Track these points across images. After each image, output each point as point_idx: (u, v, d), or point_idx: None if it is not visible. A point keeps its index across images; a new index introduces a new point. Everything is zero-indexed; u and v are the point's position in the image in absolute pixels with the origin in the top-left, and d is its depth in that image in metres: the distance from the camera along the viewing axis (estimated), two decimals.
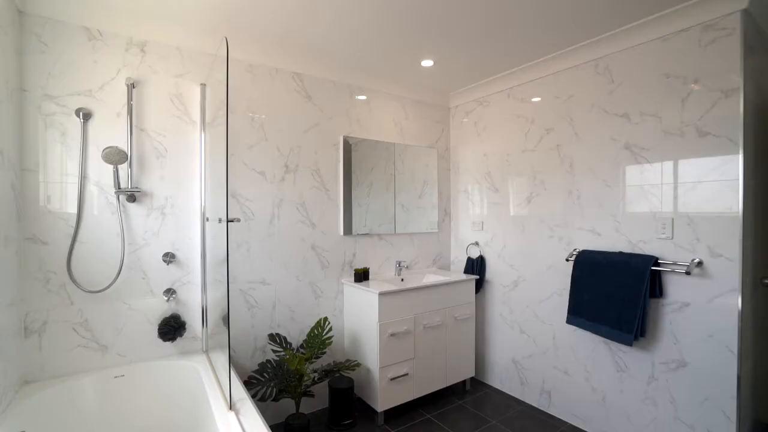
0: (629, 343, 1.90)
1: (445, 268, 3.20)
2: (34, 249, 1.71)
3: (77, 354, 1.79)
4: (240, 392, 1.62)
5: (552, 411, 2.42)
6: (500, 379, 2.78)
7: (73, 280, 1.76)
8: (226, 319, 1.62)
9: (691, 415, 1.80)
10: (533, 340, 2.54)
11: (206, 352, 2.05)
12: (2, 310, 1.47)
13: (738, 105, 1.66)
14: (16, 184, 1.63)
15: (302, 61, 2.39)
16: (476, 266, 2.89)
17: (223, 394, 1.55)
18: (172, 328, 1.93)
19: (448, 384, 2.61)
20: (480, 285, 2.87)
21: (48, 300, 1.73)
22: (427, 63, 2.47)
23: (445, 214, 3.19)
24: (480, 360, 2.91)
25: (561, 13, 1.88)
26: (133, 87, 1.90)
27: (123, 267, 1.86)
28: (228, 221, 1.47)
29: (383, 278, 2.70)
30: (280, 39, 2.13)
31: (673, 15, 1.83)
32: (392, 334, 2.30)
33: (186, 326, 2.02)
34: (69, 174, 1.79)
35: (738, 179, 1.66)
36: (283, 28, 2.01)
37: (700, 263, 1.77)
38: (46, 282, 1.73)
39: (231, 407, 1.46)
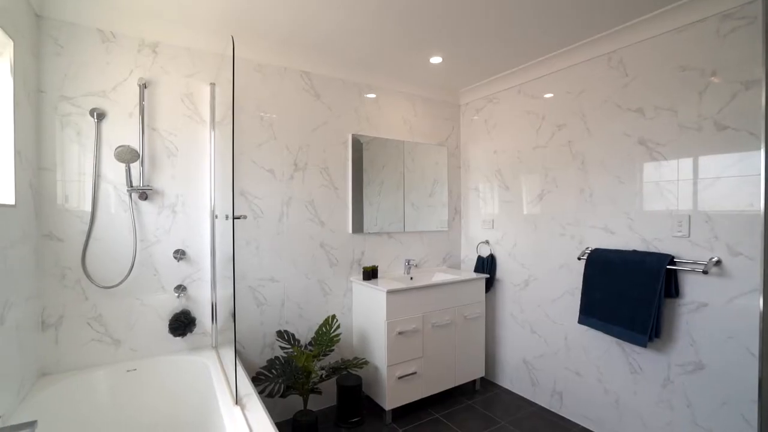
0: (643, 344, 1.85)
1: (456, 266, 3.17)
2: (51, 245, 1.76)
3: (91, 348, 1.84)
4: (247, 388, 1.64)
5: (563, 412, 2.37)
6: (511, 379, 2.74)
7: (88, 276, 1.80)
8: (234, 314, 1.64)
9: (709, 419, 1.74)
10: (544, 340, 2.49)
11: (216, 347, 2.08)
12: (21, 305, 1.53)
13: (760, 97, 1.59)
14: (33, 183, 1.68)
15: (311, 60, 2.40)
16: (487, 265, 2.85)
17: (230, 389, 1.57)
18: (182, 324, 1.97)
19: (458, 384, 2.58)
20: (490, 284, 2.84)
21: (64, 295, 1.79)
22: (436, 60, 2.45)
23: (456, 212, 3.17)
24: (490, 360, 2.88)
25: (572, 6, 1.83)
26: (145, 87, 1.94)
27: (135, 263, 1.90)
28: (234, 218, 1.48)
29: (392, 276, 2.70)
30: (288, 38, 2.15)
31: (690, 5, 1.77)
32: (400, 333, 2.29)
33: (196, 322, 2.05)
34: (85, 173, 1.84)
35: (759, 174, 1.59)
36: (291, 27, 2.02)
37: (718, 262, 1.71)
38: (62, 277, 1.78)
39: (237, 402, 1.47)
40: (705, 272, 1.70)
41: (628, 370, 2.04)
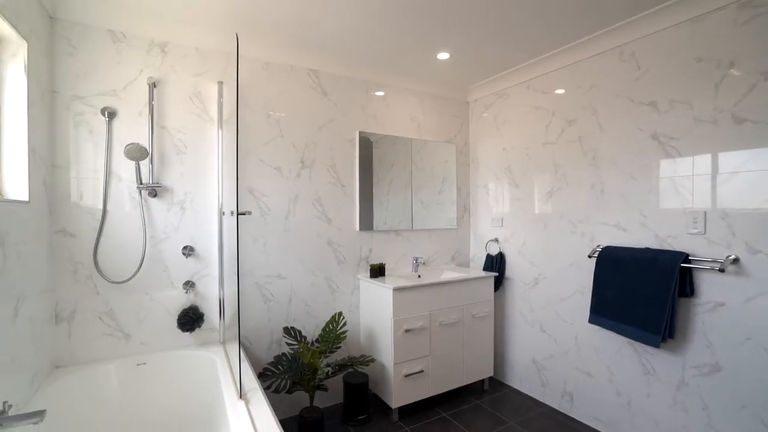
0: (656, 345, 1.79)
1: (464, 265, 3.13)
2: (64, 241, 1.80)
3: (103, 341, 1.88)
4: (252, 383, 1.65)
5: (574, 414, 2.32)
6: (520, 379, 2.70)
7: (99, 271, 1.84)
8: (238, 310, 1.65)
9: (726, 423, 1.67)
10: (554, 340, 2.44)
11: (223, 343, 2.10)
12: (35, 299, 1.57)
13: None
14: (47, 180, 1.73)
15: (317, 58, 2.41)
16: (496, 263, 2.81)
17: (235, 384, 1.58)
18: (190, 319, 2.00)
19: (466, 383, 2.55)
20: (499, 282, 2.80)
21: (76, 290, 1.83)
22: (443, 56, 2.43)
23: (465, 210, 3.13)
24: (499, 359, 2.84)
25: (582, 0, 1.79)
26: (155, 86, 1.98)
27: (145, 259, 1.94)
28: (238, 214, 1.49)
29: (399, 274, 2.68)
30: (294, 36, 2.15)
31: None
32: (407, 331, 2.28)
33: (204, 318, 2.08)
34: (98, 170, 1.88)
35: None
36: (296, 25, 2.02)
37: (736, 260, 1.64)
38: (74, 272, 1.83)
39: (241, 396, 1.49)
40: (722, 270, 1.64)
41: (641, 372, 1.98)
